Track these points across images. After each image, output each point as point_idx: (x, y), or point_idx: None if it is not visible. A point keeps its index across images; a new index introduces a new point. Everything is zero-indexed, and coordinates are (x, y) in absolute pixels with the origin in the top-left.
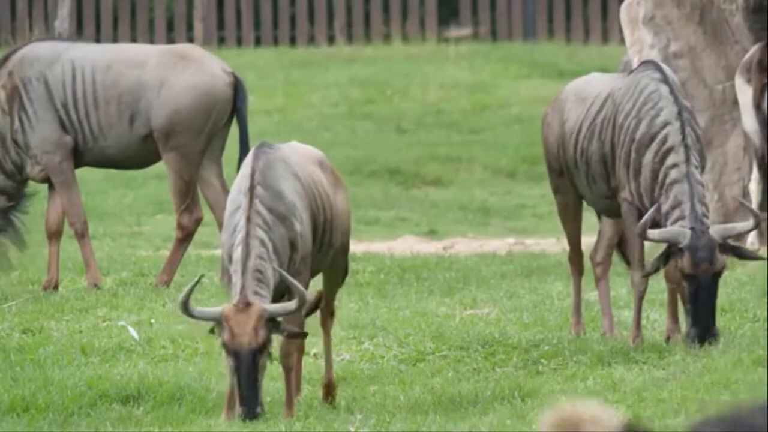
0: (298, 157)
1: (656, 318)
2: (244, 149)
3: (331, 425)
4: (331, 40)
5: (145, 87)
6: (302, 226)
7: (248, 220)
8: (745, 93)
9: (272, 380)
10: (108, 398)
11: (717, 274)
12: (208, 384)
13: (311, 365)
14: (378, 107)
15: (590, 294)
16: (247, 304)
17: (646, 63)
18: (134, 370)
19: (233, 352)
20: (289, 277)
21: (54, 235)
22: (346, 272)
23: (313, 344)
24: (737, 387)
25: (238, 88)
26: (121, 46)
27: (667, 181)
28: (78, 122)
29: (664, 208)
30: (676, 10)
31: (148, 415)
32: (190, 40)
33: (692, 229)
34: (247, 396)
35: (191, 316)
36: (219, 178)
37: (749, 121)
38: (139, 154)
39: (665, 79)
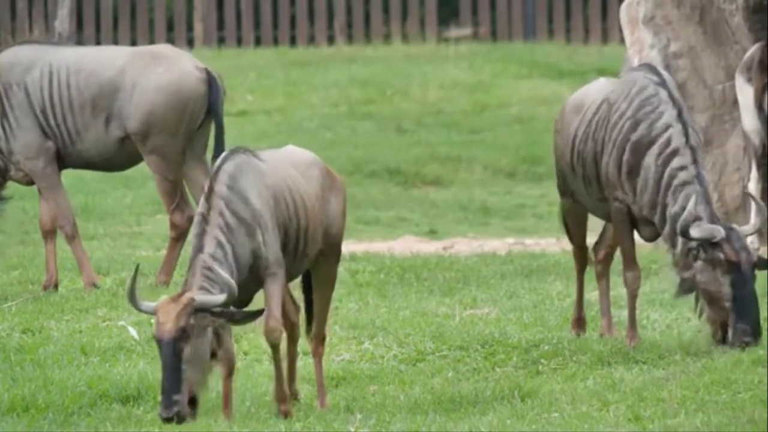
0: (275, 163)
1: (656, 318)
2: (219, 146)
3: (331, 425)
4: (331, 40)
5: (118, 89)
6: (267, 234)
7: (204, 218)
8: (745, 92)
9: (272, 380)
10: (108, 398)
11: (753, 266)
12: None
13: (311, 365)
14: (378, 107)
15: (590, 294)
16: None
17: (642, 66)
18: (134, 370)
19: (156, 341)
20: (217, 268)
21: (49, 234)
22: (333, 284)
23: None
24: (737, 387)
25: (211, 85)
26: (96, 48)
27: (675, 182)
28: (56, 127)
29: (673, 209)
30: (676, 10)
31: (148, 415)
32: (190, 40)
33: (722, 224)
34: (166, 386)
35: (139, 309)
36: (205, 176)
37: (749, 121)
38: (118, 156)
39: (663, 83)
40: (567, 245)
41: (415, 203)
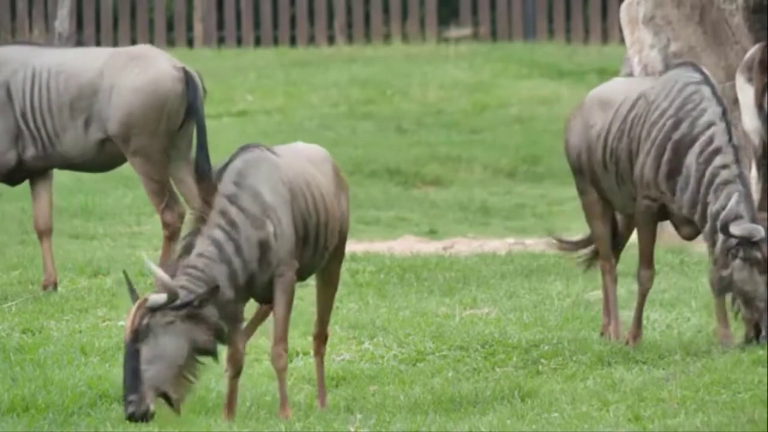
0: (291, 158)
1: (656, 318)
2: (201, 145)
3: (331, 425)
4: (331, 40)
5: (97, 91)
6: (279, 227)
7: (201, 218)
8: (745, 92)
9: (272, 380)
10: (108, 398)
11: None
12: (208, 384)
13: (311, 365)
14: (378, 107)
15: (590, 294)
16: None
17: (683, 64)
18: None
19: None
20: (154, 267)
21: (44, 233)
22: (336, 285)
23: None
24: (737, 387)
25: (189, 84)
26: (77, 49)
27: (717, 181)
28: (36, 129)
29: (715, 207)
30: (676, 10)
31: None
32: (190, 40)
33: (763, 225)
34: (124, 387)
35: None
36: (192, 176)
37: (749, 121)
38: (99, 158)
39: (707, 80)
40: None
41: (415, 203)
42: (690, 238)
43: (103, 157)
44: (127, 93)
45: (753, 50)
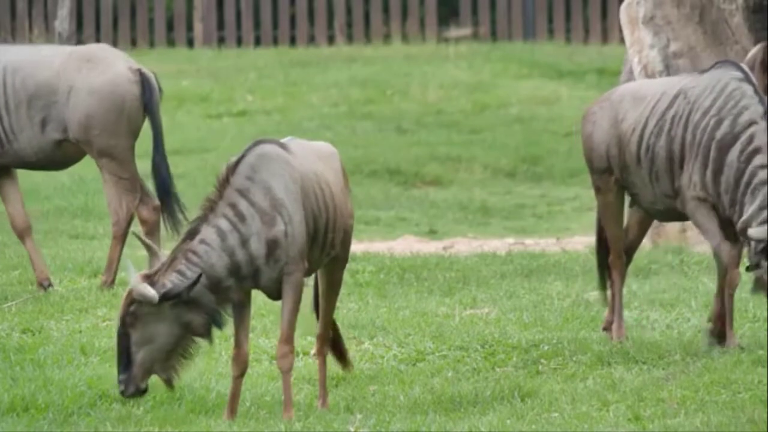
0: (303, 154)
1: (656, 318)
2: (158, 146)
3: (330, 425)
4: (331, 40)
5: (55, 92)
6: (290, 225)
7: (210, 207)
8: None
9: (272, 380)
10: (108, 398)
11: None
12: (208, 384)
13: (311, 365)
14: (378, 107)
15: (590, 294)
16: None
17: (724, 62)
18: None
19: None
20: (132, 275)
21: (24, 233)
22: (340, 287)
23: (313, 344)
24: (737, 387)
25: (146, 86)
26: (33, 47)
27: (755, 181)
28: None
29: (751, 208)
30: (676, 10)
31: (148, 415)
32: (190, 40)
33: None
34: (117, 364)
35: None
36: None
37: None
38: (53, 157)
39: (747, 78)
40: (567, 245)
41: (415, 203)
42: (735, 239)
43: (57, 157)
44: (85, 95)
45: (754, 50)
